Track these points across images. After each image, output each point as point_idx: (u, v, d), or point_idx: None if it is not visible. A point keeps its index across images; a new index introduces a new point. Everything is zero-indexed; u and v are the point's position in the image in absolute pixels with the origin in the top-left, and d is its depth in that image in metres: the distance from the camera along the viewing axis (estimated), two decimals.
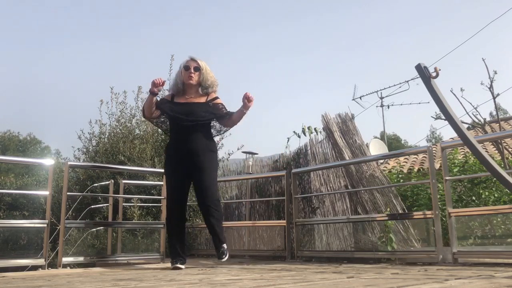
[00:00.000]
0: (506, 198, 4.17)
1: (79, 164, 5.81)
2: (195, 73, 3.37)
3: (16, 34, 56.50)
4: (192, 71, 3.37)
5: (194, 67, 3.38)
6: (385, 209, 3.89)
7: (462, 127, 2.15)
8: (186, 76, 3.38)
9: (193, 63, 3.39)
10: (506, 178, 2.11)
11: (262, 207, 4.97)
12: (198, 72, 3.38)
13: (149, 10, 60.17)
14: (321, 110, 14.17)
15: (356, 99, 13.97)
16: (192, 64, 3.38)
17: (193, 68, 3.37)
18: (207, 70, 3.42)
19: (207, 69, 3.43)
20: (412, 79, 12.42)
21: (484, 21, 33.05)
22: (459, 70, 48.21)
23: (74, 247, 4.62)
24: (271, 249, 4.43)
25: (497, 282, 1.83)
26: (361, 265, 3.20)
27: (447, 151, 3.97)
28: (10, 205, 5.93)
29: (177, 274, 2.78)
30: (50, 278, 2.65)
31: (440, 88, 2.16)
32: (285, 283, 2.02)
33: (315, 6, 59.26)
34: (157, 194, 5.21)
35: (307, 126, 5.02)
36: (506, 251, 3.00)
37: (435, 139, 29.56)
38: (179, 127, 3.35)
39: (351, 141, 4.44)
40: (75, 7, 56.95)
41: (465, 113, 4.77)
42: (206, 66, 3.43)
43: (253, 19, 60.63)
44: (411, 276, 2.28)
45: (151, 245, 4.80)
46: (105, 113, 6.34)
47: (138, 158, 5.62)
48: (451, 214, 3.14)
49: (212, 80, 3.44)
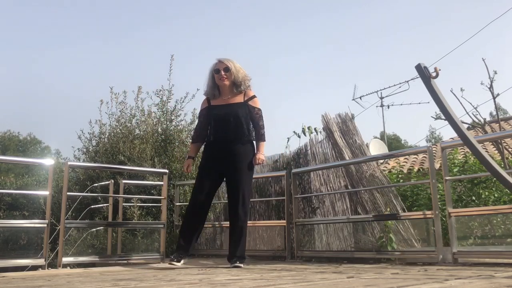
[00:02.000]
0: (506, 198, 4.17)
1: (79, 164, 5.80)
2: (226, 74, 3.47)
3: (16, 34, 56.55)
4: (223, 73, 3.47)
5: (223, 68, 3.48)
6: (385, 209, 3.89)
7: (462, 127, 2.15)
8: (218, 79, 3.48)
9: (221, 65, 3.50)
10: (506, 178, 2.11)
11: (262, 207, 4.97)
12: (229, 73, 3.48)
13: (149, 10, 60.18)
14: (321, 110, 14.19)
15: (356, 99, 13.99)
16: (221, 66, 3.49)
17: (223, 69, 3.48)
18: (237, 67, 3.52)
19: (236, 66, 3.52)
20: (412, 79, 12.42)
21: (484, 21, 33.10)
22: (459, 70, 48.23)
23: (74, 247, 4.62)
24: (271, 249, 4.43)
25: (497, 282, 1.83)
26: (361, 265, 3.20)
27: (447, 151, 3.97)
28: (10, 205, 5.92)
29: (177, 274, 2.78)
30: (50, 278, 2.65)
31: (440, 88, 2.16)
32: (285, 283, 2.02)
33: (315, 6, 59.30)
34: (157, 194, 5.21)
35: (307, 126, 5.02)
36: (506, 251, 3.00)
37: (435, 139, 29.56)
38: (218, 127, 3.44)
39: (351, 141, 4.44)
40: (75, 7, 56.97)
41: (465, 113, 4.78)
42: (235, 64, 3.52)
43: (253, 19, 60.67)
44: (411, 276, 2.28)
45: (151, 245, 4.80)
46: (105, 113, 6.35)
47: (138, 158, 5.62)
48: (451, 214, 3.14)
49: (243, 75, 3.52)
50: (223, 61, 3.50)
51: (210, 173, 3.44)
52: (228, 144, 3.43)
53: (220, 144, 3.45)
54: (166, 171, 4.35)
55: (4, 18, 55.29)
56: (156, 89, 6.34)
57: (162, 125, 6.26)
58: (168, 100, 6.33)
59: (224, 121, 3.42)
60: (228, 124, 3.41)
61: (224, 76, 3.47)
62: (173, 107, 6.33)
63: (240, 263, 3.26)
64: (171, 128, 6.18)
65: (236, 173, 3.41)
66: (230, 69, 3.48)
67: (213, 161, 3.45)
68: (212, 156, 3.47)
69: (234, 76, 3.49)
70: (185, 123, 6.27)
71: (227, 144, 3.43)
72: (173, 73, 6.33)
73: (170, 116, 6.31)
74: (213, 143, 3.48)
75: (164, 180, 4.23)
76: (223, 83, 3.49)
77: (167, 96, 6.32)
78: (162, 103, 6.32)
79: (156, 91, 6.33)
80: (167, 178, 4.26)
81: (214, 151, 3.47)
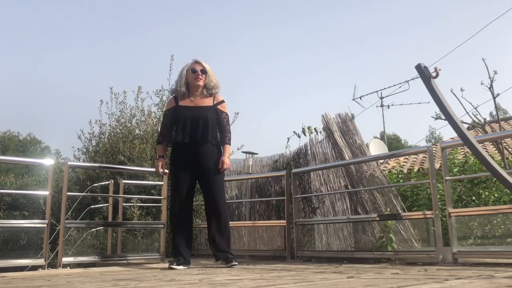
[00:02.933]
0: (506, 198, 4.17)
1: (79, 164, 5.81)
2: (202, 75, 3.50)
3: (16, 35, 56.55)
4: (199, 73, 3.49)
5: (200, 69, 3.51)
6: (385, 209, 3.89)
7: (462, 127, 2.15)
8: (193, 78, 3.50)
9: (199, 66, 3.53)
10: (506, 178, 2.11)
11: (262, 207, 4.97)
12: (205, 75, 3.52)
13: (149, 10, 60.19)
14: (321, 110, 14.18)
15: (356, 99, 13.97)
16: (198, 67, 3.52)
17: (200, 70, 3.50)
18: (211, 72, 3.57)
19: (211, 71, 3.57)
20: (412, 79, 12.41)
21: (484, 21, 33.08)
22: (459, 70, 48.22)
23: (74, 247, 4.62)
24: (271, 249, 4.43)
25: (497, 282, 1.83)
26: (361, 265, 3.20)
27: (447, 151, 3.97)
28: (10, 205, 5.92)
29: (177, 274, 2.78)
30: (50, 278, 2.65)
31: (440, 88, 2.16)
32: (285, 283, 2.02)
33: (315, 6, 59.29)
34: (157, 194, 5.21)
35: (307, 126, 5.02)
36: (506, 251, 3.00)
37: (435, 139, 29.56)
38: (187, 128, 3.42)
39: (351, 141, 4.44)
40: (75, 7, 56.98)
41: (465, 113, 4.78)
42: (210, 69, 3.57)
43: (252, 19, 60.65)
44: (411, 276, 2.28)
45: (151, 245, 4.80)
46: (105, 113, 6.35)
47: (138, 158, 5.62)
48: (451, 214, 3.14)
49: (215, 82, 3.58)
50: (201, 62, 3.54)
51: (185, 175, 3.43)
52: (196, 146, 3.42)
53: (189, 146, 3.42)
54: (166, 171, 4.34)
55: (4, 18, 55.33)
56: (156, 89, 6.35)
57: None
58: (168, 100, 6.33)
59: (193, 123, 3.41)
60: (197, 126, 3.41)
61: (200, 77, 3.49)
62: None
63: (235, 261, 3.31)
64: None
65: (210, 174, 3.43)
66: (206, 71, 3.52)
67: (185, 163, 3.44)
68: (183, 157, 3.45)
69: (208, 80, 3.53)
70: None
71: (195, 146, 3.42)
72: (173, 73, 6.34)
73: None
74: (182, 144, 3.44)
75: (164, 180, 4.23)
76: (198, 83, 3.50)
77: (167, 96, 6.33)
78: (162, 103, 6.32)
79: (156, 91, 6.34)
80: (167, 178, 4.26)
81: (184, 152, 3.45)
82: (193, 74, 3.50)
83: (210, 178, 3.43)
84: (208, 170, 3.42)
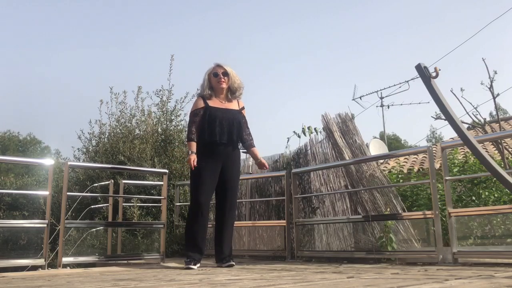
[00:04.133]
0: (506, 198, 4.17)
1: (79, 164, 5.81)
2: (224, 78, 3.56)
3: (16, 34, 56.55)
4: (221, 76, 3.55)
5: (222, 72, 3.57)
6: (385, 209, 3.88)
7: (462, 127, 2.15)
8: (216, 81, 3.56)
9: (220, 69, 3.58)
10: (506, 178, 2.11)
11: (262, 207, 4.96)
12: (227, 77, 3.58)
13: (149, 10, 60.19)
14: (321, 110, 14.16)
15: (356, 99, 13.95)
16: (219, 70, 3.58)
17: (222, 73, 3.56)
18: (234, 74, 3.63)
19: (233, 73, 3.63)
20: (412, 79, 12.40)
21: (484, 21, 33.03)
22: (459, 70, 48.23)
23: (74, 247, 4.62)
24: (271, 249, 4.43)
25: (497, 282, 1.83)
26: (361, 265, 3.20)
27: (447, 151, 3.97)
28: (10, 205, 5.91)
29: (177, 274, 2.78)
30: (50, 278, 2.65)
31: (440, 88, 2.16)
32: (285, 283, 2.02)
33: (315, 7, 59.29)
34: (157, 194, 5.21)
35: (307, 126, 5.02)
36: (506, 251, 3.00)
37: (435, 139, 29.56)
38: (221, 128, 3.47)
39: (351, 141, 4.44)
40: (76, 8, 56.97)
41: (465, 113, 4.77)
42: (232, 70, 3.62)
43: (253, 21, 60.66)
44: (411, 276, 2.28)
45: (151, 245, 4.80)
46: (105, 113, 6.36)
47: (138, 158, 5.62)
48: (451, 214, 3.14)
49: (239, 82, 3.64)
50: (222, 65, 3.59)
51: (212, 175, 3.47)
52: (228, 147, 3.50)
53: (221, 146, 3.47)
54: (166, 171, 4.35)
55: (4, 18, 55.33)
56: (156, 89, 6.36)
57: (162, 125, 6.27)
58: (168, 100, 6.34)
59: (228, 124, 3.49)
60: (232, 127, 3.50)
61: (223, 80, 3.55)
62: (173, 107, 6.34)
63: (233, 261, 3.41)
64: (171, 128, 6.19)
65: (233, 177, 3.56)
66: (228, 73, 3.57)
67: (213, 163, 3.47)
68: (213, 157, 3.47)
69: (231, 81, 3.58)
70: (185, 123, 6.27)
71: (227, 147, 3.50)
72: (173, 73, 6.34)
73: (170, 116, 6.31)
74: (214, 144, 3.46)
75: (164, 180, 4.23)
76: (221, 86, 3.55)
77: (167, 96, 6.34)
78: (162, 103, 6.33)
79: (156, 91, 6.35)
80: (167, 178, 4.26)
81: (214, 152, 3.48)
82: (215, 78, 3.56)
83: (233, 182, 3.55)
84: (233, 174, 3.54)
